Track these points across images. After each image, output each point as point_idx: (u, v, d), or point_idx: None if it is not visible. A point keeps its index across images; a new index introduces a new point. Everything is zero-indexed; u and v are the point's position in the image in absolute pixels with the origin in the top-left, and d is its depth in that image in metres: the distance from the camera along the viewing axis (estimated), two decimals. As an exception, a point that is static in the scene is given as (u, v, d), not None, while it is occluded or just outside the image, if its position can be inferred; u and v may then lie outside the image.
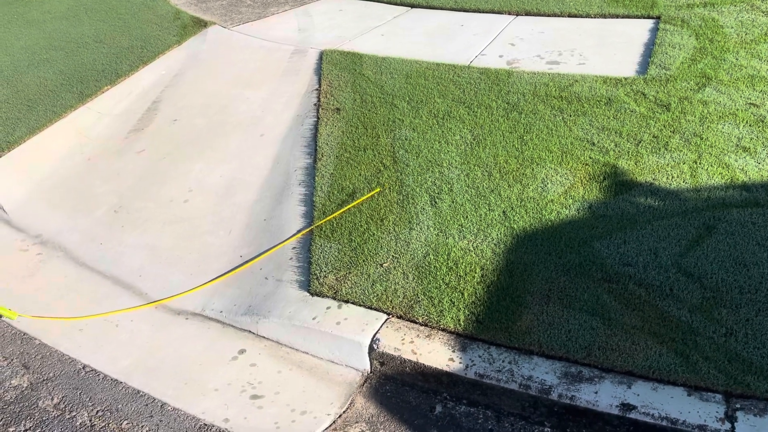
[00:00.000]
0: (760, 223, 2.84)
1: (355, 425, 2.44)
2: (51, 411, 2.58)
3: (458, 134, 3.75)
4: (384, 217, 3.20)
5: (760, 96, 3.72)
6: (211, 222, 3.53)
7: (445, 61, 4.63)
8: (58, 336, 2.94)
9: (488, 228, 3.02)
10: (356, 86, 4.43)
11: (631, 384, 2.30)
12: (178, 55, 5.41)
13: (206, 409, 2.54)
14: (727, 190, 3.06)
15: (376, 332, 2.63)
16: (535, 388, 2.35)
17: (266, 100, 4.58)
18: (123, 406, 2.58)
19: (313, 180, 3.59)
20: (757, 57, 4.13)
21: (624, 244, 2.83)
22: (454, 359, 2.49)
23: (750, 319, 2.44)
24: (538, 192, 3.21)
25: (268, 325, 2.83)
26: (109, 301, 3.11)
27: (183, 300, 3.07)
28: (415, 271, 2.85)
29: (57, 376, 2.74)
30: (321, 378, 2.65)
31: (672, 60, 4.22)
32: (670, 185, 3.14)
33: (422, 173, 3.46)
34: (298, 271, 3.02)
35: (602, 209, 3.05)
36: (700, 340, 2.38)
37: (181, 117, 4.52)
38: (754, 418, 2.13)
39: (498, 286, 2.72)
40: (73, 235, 3.58)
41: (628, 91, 3.93)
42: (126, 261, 3.35)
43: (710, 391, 2.24)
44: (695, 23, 4.68)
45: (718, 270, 2.65)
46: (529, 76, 4.26)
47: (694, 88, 3.88)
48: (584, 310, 2.56)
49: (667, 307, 2.52)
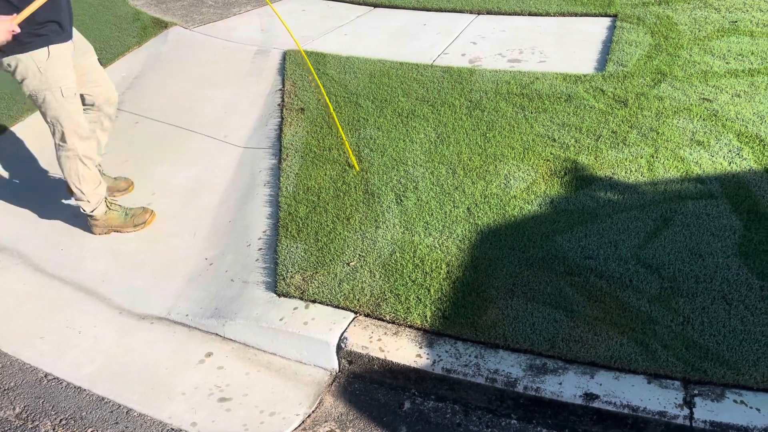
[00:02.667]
0: (714, 214, 2.93)
1: (325, 424, 2.45)
2: (13, 421, 2.53)
3: (422, 133, 3.78)
4: (350, 216, 3.21)
5: (713, 91, 3.84)
6: (175, 225, 3.50)
7: (409, 60, 4.66)
8: (19, 344, 2.88)
9: (453, 225, 3.06)
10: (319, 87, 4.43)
11: (593, 374, 2.36)
12: (139, 56, 5.33)
13: (173, 414, 2.51)
14: (682, 182, 3.15)
15: (343, 331, 2.64)
16: (501, 381, 2.39)
17: (230, 101, 4.55)
18: (87, 413, 2.54)
19: (278, 180, 3.58)
20: (710, 53, 4.26)
21: (585, 237, 2.90)
22: (421, 355, 2.51)
23: (706, 307, 2.52)
24: (501, 188, 3.26)
25: (235, 328, 2.81)
26: (72, 308, 3.06)
27: (147, 304, 3.03)
28: (381, 269, 2.87)
29: (18, 386, 2.69)
30: (289, 379, 2.65)
31: (629, 57, 4.32)
32: (629, 179, 3.22)
33: (387, 172, 3.48)
34: (264, 272, 3.01)
35: (563, 204, 3.11)
36: (658, 329, 2.45)
37: (143, 119, 4.45)
38: (712, 403, 2.20)
39: (463, 281, 2.75)
40: (32, 241, 3.50)
41: (588, 88, 4.01)
42: (88, 266, 3.29)
43: (669, 378, 2.31)
44: (650, 21, 4.80)
45: (675, 261, 2.73)
46: (491, 74, 4.31)
47: (650, 84, 3.98)
48: (548, 303, 2.61)
49: (627, 298, 2.59)
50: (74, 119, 3.11)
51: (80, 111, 3.17)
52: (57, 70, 2.97)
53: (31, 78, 2.95)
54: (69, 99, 3.05)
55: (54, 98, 3.01)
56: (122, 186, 3.75)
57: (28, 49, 2.87)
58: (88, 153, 3.22)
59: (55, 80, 2.98)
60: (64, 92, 3.02)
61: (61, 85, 3.00)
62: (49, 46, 2.92)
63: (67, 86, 3.02)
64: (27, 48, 2.87)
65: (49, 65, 2.94)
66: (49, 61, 2.94)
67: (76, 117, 3.11)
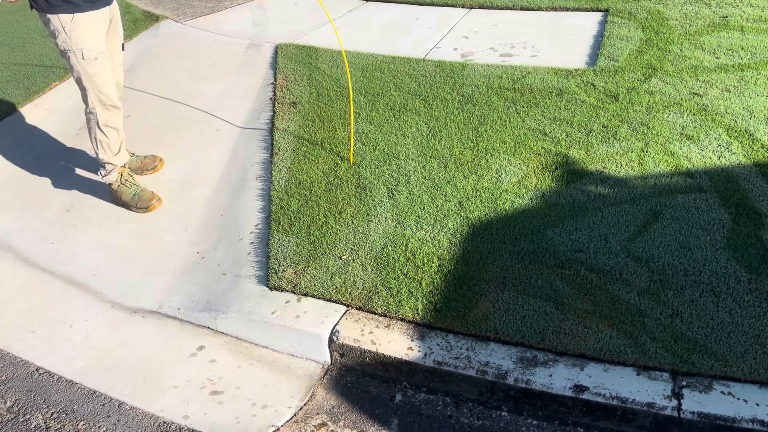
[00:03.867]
0: (703, 208, 2.96)
1: (317, 417, 2.46)
2: (4, 414, 2.52)
3: (414, 127, 3.79)
4: (342, 210, 3.21)
5: (702, 86, 3.86)
6: (166, 218, 3.49)
7: (401, 55, 4.67)
8: (11, 338, 2.87)
9: (445, 218, 3.07)
10: (312, 80, 4.43)
11: (583, 366, 2.38)
12: (130, 49, 5.30)
13: (165, 407, 2.52)
14: (672, 177, 3.18)
15: (335, 324, 2.65)
16: (491, 373, 2.41)
17: (222, 94, 4.54)
18: (79, 407, 2.54)
19: (270, 174, 3.58)
20: (701, 48, 4.28)
21: (576, 231, 2.91)
22: (413, 348, 2.53)
23: (694, 300, 2.54)
24: (493, 182, 3.27)
25: (227, 321, 2.82)
26: (63, 302, 3.05)
27: (139, 297, 3.03)
28: (373, 262, 2.88)
29: (9, 379, 2.68)
30: (281, 372, 2.66)
31: (620, 52, 4.34)
32: (619, 173, 3.24)
33: (379, 166, 3.49)
34: (256, 265, 3.02)
35: (554, 198, 3.13)
36: (647, 321, 2.48)
37: (134, 113, 4.43)
38: (700, 395, 2.23)
39: (455, 275, 2.76)
40: (23, 235, 3.49)
41: (579, 83, 4.02)
42: (79, 260, 3.29)
43: (658, 370, 2.33)
44: (642, 16, 4.82)
45: (665, 254, 2.75)
46: (483, 68, 4.32)
47: (641, 78, 4.00)
48: (538, 296, 2.63)
49: (616, 291, 2.61)
50: (96, 83, 3.23)
51: (104, 77, 3.27)
52: (81, 34, 3.13)
53: (59, 36, 3.14)
54: (90, 62, 3.18)
55: (76, 59, 3.16)
56: (149, 165, 3.84)
57: (55, 12, 3.08)
58: (108, 122, 3.35)
59: (78, 42, 3.13)
60: (85, 54, 3.16)
61: (83, 47, 3.15)
62: (74, 14, 3.08)
63: (89, 49, 3.16)
64: (55, 11, 3.08)
65: (73, 27, 3.11)
66: (74, 24, 3.10)
67: (97, 81, 3.23)
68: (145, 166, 3.82)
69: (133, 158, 3.79)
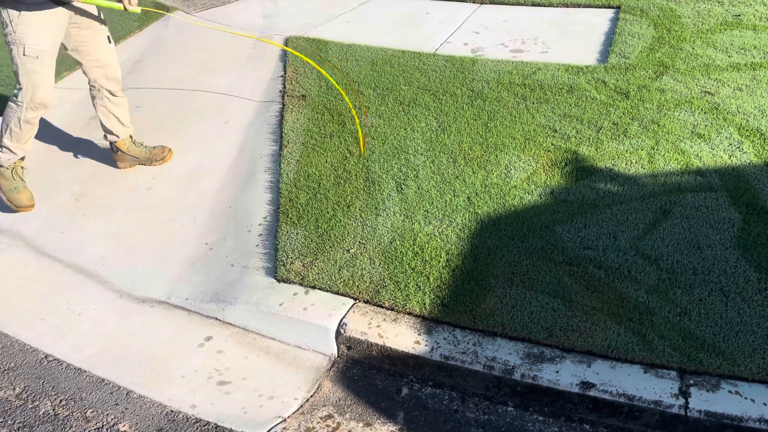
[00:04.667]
0: (713, 207, 2.95)
1: (323, 409, 2.47)
2: (13, 401, 2.54)
3: (424, 121, 3.79)
4: (350, 203, 3.21)
5: (714, 84, 3.84)
6: (175, 210, 3.50)
7: (411, 49, 4.66)
8: (20, 325, 2.89)
9: (453, 213, 3.07)
10: (322, 73, 4.43)
11: (590, 363, 2.38)
12: (140, 41, 5.32)
13: (173, 396, 2.53)
14: (682, 175, 3.17)
15: (342, 317, 2.66)
16: (498, 368, 2.41)
17: (231, 86, 4.54)
18: (87, 394, 2.56)
19: (279, 167, 3.58)
20: (713, 46, 4.26)
21: (584, 228, 2.91)
22: (420, 342, 2.53)
23: (703, 299, 2.53)
24: (502, 178, 3.26)
25: (234, 312, 2.83)
26: (72, 291, 3.07)
27: (147, 287, 3.04)
28: (381, 256, 2.88)
29: (19, 366, 2.70)
30: (288, 363, 2.67)
31: (631, 49, 4.32)
32: (629, 171, 3.23)
33: (388, 160, 3.49)
34: (264, 257, 3.02)
35: (564, 194, 3.12)
36: (656, 319, 2.47)
37: (143, 103, 4.45)
38: (707, 393, 2.23)
39: (462, 270, 2.76)
40: (32, 223, 3.51)
41: (589, 79, 4.01)
42: (88, 249, 3.30)
43: (665, 368, 2.33)
44: (654, 13, 4.79)
45: (674, 252, 2.74)
46: (493, 64, 4.31)
47: (652, 76, 3.98)
48: (546, 292, 2.63)
49: (625, 289, 2.61)
50: (32, 80, 3.21)
51: (42, 76, 3.24)
52: (26, 29, 3.12)
53: (6, 28, 3.15)
54: (30, 59, 3.17)
55: (17, 53, 3.16)
56: (158, 155, 3.84)
57: (4, 6, 3.10)
58: (30, 119, 3.33)
59: (22, 37, 3.12)
60: (27, 51, 3.15)
61: (26, 44, 3.13)
62: (21, 11, 3.08)
63: (31, 46, 3.14)
64: (4, 4, 3.10)
65: (19, 22, 3.10)
66: (20, 19, 3.10)
67: (34, 78, 3.21)
68: (154, 156, 3.82)
69: (141, 149, 3.79)
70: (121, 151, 3.74)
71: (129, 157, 3.77)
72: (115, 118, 3.63)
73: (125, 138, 3.73)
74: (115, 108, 3.62)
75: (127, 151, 3.74)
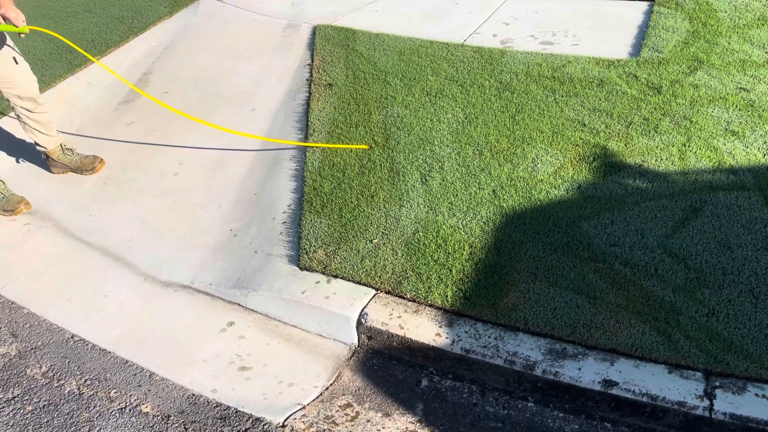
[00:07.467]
0: (745, 206, 2.88)
1: (342, 397, 2.47)
2: (39, 379, 2.60)
3: (450, 113, 3.75)
4: (374, 193, 3.20)
5: (750, 80, 3.74)
6: (201, 195, 3.53)
7: (439, 39, 4.61)
8: (47, 305, 2.95)
9: (478, 206, 3.04)
10: (349, 62, 4.41)
11: (613, 361, 2.35)
12: (170, 26, 5.35)
13: (194, 380, 2.56)
14: (714, 173, 3.10)
15: (364, 307, 2.66)
16: (519, 363, 2.39)
17: (258, 74, 4.55)
18: (112, 375, 2.60)
19: (304, 155, 3.58)
20: (749, 42, 4.14)
21: (611, 224, 2.86)
22: (440, 334, 2.52)
23: (732, 300, 2.48)
24: (528, 172, 3.22)
25: (257, 299, 2.84)
26: (99, 273, 3.11)
27: (172, 271, 3.07)
28: (404, 247, 2.87)
29: (45, 345, 2.75)
30: (309, 351, 2.68)
31: (665, 43, 4.23)
32: (659, 167, 3.17)
33: (413, 151, 3.47)
34: (287, 245, 3.03)
35: (591, 190, 3.07)
36: (682, 319, 2.43)
37: (172, 90, 4.48)
38: (733, 396, 2.18)
39: (486, 263, 2.74)
40: (61, 205, 3.56)
41: (621, 73, 3.93)
42: (115, 233, 3.35)
43: (690, 369, 2.29)
44: (689, 7, 4.68)
45: (703, 251, 2.68)
46: (522, 56, 4.25)
47: (686, 71, 3.89)
48: (570, 288, 2.60)
49: (651, 287, 2.56)
50: None
51: None
52: None
53: None
54: None
55: None
56: (88, 165, 3.81)
57: None
58: None
59: None
60: None
61: None
62: None
63: None
64: None
65: None
66: None
67: None
68: (84, 166, 3.80)
69: (72, 157, 3.79)
70: (51, 159, 3.77)
71: (60, 165, 3.79)
72: (38, 132, 3.63)
73: (55, 147, 3.74)
74: (36, 123, 3.62)
75: (58, 159, 3.77)
